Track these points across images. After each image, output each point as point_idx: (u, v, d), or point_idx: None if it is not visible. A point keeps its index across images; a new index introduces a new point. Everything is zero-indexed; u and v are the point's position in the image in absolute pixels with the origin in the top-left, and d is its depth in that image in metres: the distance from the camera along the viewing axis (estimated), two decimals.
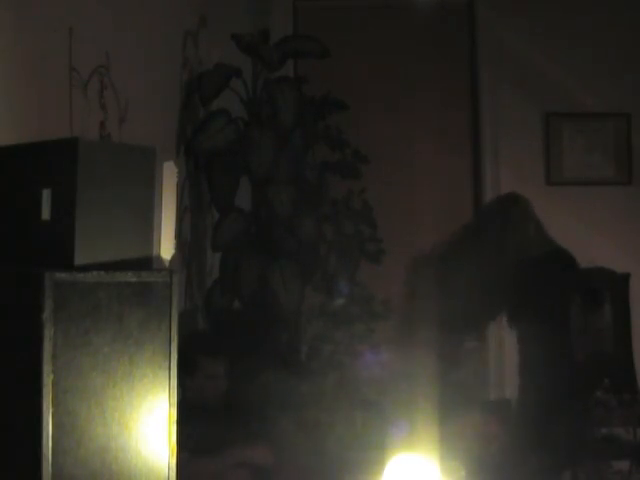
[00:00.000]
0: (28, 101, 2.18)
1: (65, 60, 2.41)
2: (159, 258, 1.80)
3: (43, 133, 2.05)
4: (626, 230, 4.96)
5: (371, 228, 4.43)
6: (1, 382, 1.66)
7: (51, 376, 1.56)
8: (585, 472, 3.90)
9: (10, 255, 1.78)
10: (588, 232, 4.85)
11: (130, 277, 1.67)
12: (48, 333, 1.56)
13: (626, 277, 4.47)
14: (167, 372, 1.72)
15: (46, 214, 1.70)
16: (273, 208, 3.82)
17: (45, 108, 2.28)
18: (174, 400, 1.73)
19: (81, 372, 1.60)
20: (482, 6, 5.15)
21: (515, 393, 3.98)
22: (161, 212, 1.80)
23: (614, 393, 4.00)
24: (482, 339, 5.04)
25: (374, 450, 2.60)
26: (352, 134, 4.44)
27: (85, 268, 1.64)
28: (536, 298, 3.81)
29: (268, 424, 3.16)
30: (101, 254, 1.69)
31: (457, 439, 2.73)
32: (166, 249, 1.82)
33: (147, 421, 1.69)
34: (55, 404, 1.56)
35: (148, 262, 1.76)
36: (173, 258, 1.86)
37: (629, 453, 4.01)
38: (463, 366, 3.69)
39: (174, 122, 3.72)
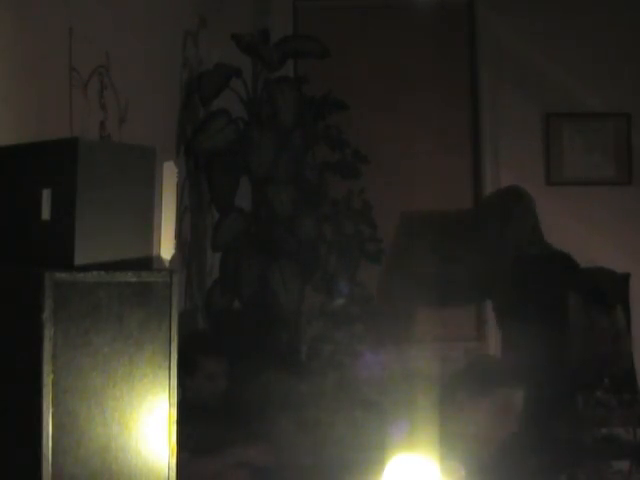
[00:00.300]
0: (28, 101, 2.18)
1: (65, 60, 2.41)
2: (159, 258, 1.80)
3: (43, 133, 2.05)
4: (626, 230, 4.96)
5: (371, 228, 4.43)
6: (1, 382, 1.66)
7: (51, 376, 1.56)
8: (585, 472, 3.90)
9: (10, 255, 1.78)
10: (588, 232, 4.86)
11: (130, 277, 1.67)
12: (48, 333, 1.56)
13: (626, 277, 4.47)
14: (167, 372, 1.72)
15: (46, 214, 1.70)
16: (273, 208, 3.82)
17: (45, 108, 2.28)
18: (174, 400, 1.73)
19: (81, 372, 1.60)
20: (482, 6, 5.15)
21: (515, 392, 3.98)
22: (161, 212, 1.80)
23: (614, 393, 4.00)
24: (482, 339, 5.05)
25: (374, 450, 2.60)
26: (352, 134, 4.44)
27: (85, 268, 1.64)
28: (535, 297, 3.81)
29: (268, 424, 3.15)
30: (101, 254, 1.69)
31: (457, 439, 2.73)
32: (166, 249, 1.82)
33: (147, 421, 1.69)
34: (55, 404, 1.56)
35: (148, 262, 1.76)
36: (173, 258, 1.86)
37: (629, 453, 4.01)
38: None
39: (174, 122, 3.72)
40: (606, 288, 4.03)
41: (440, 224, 4.22)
